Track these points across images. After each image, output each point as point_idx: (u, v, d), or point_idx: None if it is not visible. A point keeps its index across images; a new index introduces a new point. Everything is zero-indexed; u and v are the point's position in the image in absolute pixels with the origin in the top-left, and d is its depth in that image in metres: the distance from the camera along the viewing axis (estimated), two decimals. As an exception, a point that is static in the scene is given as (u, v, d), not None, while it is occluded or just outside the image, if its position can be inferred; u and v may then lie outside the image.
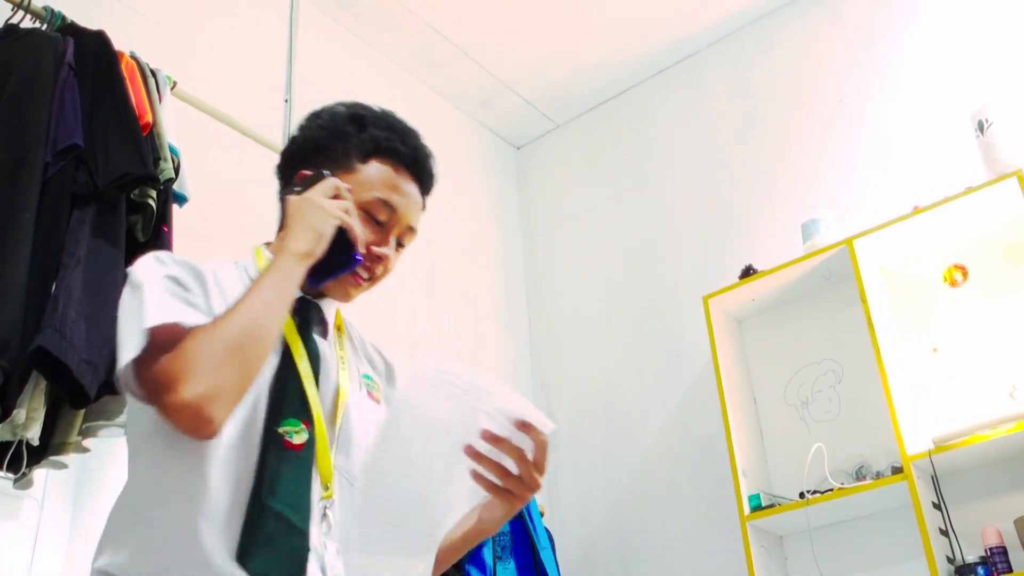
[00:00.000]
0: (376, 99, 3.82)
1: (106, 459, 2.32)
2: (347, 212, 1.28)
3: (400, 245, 1.37)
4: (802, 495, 2.67)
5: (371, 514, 1.11)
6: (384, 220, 1.34)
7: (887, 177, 3.06)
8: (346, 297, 1.37)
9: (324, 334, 1.35)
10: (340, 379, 1.30)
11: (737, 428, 2.85)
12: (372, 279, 1.36)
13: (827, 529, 2.79)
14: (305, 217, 1.27)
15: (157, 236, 2.08)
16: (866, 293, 2.68)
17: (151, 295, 1.16)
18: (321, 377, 1.26)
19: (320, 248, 1.25)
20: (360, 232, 1.29)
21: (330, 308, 1.39)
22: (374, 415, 1.32)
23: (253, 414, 1.17)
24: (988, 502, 2.54)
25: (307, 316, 1.32)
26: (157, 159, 2.09)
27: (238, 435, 1.16)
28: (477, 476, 1.13)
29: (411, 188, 1.37)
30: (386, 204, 1.34)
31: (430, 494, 1.11)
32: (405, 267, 3.56)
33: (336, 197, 1.30)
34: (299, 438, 1.18)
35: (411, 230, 1.37)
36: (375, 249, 1.32)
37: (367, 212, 1.33)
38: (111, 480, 2.41)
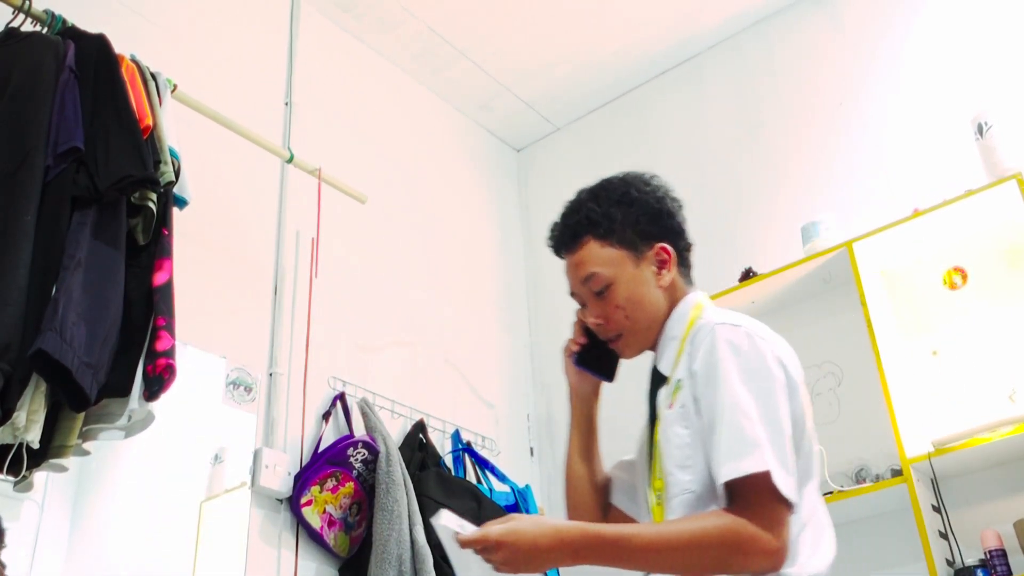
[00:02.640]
0: (376, 101, 3.85)
1: (106, 462, 2.32)
2: (573, 337, 1.63)
3: (597, 295, 1.52)
4: (802, 498, 2.66)
5: None
6: (580, 302, 1.58)
7: (887, 180, 3.07)
8: (624, 356, 1.60)
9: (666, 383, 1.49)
10: (659, 421, 1.46)
11: (737, 431, 2.85)
12: (619, 336, 1.54)
13: (827, 532, 2.78)
14: None
15: (157, 239, 2.08)
16: (866, 296, 2.68)
17: None
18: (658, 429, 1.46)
19: (571, 381, 1.69)
20: (576, 334, 1.62)
21: (663, 358, 1.52)
22: (668, 425, 1.43)
23: None
24: (988, 505, 2.55)
25: (652, 382, 1.53)
26: (157, 162, 2.09)
27: None
28: None
29: (567, 260, 1.57)
30: (572, 294, 1.59)
31: None
32: (406, 269, 3.58)
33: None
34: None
35: (588, 281, 1.53)
36: (587, 322, 1.57)
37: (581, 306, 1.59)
38: (111, 483, 2.41)
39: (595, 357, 1.60)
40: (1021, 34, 2.94)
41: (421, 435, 2.93)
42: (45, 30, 2.20)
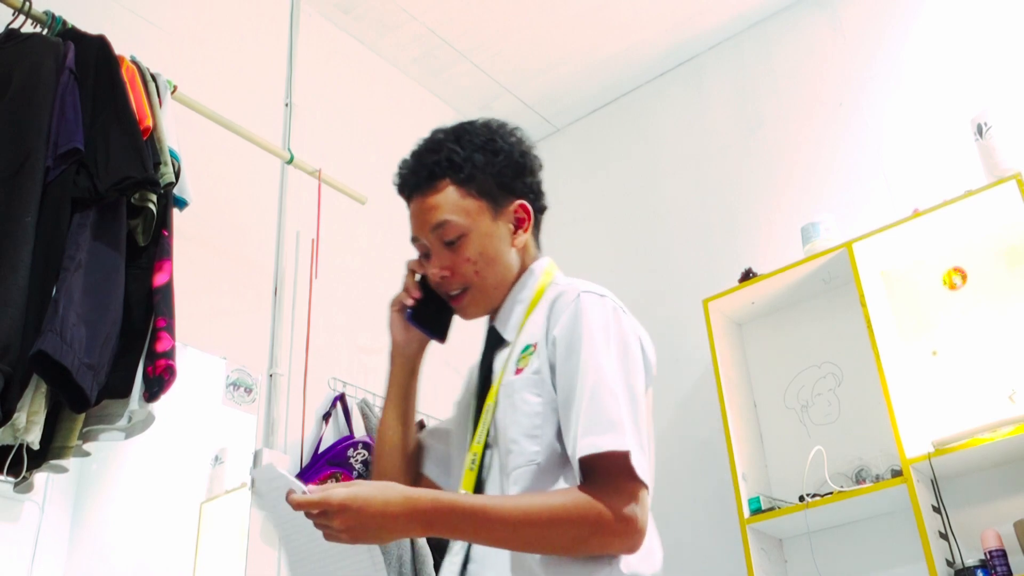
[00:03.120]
0: (376, 103, 3.85)
1: (106, 463, 2.32)
2: (406, 288, 1.46)
3: (447, 244, 1.40)
4: (802, 498, 2.67)
5: None
6: (424, 252, 1.44)
7: (886, 180, 3.07)
8: (465, 315, 1.46)
9: (506, 345, 1.41)
10: (496, 383, 1.37)
11: (737, 431, 2.85)
12: (465, 291, 1.42)
13: (827, 532, 2.79)
14: None
15: (157, 240, 2.08)
16: (866, 296, 2.68)
17: None
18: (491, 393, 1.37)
19: (396, 337, 1.50)
20: (412, 288, 1.46)
21: (505, 320, 1.43)
22: (513, 388, 1.33)
23: None
24: (988, 505, 2.54)
25: (487, 343, 1.45)
26: (157, 163, 2.09)
27: None
28: None
29: (415, 206, 1.42)
30: (414, 240, 1.44)
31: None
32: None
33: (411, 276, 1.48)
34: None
35: (438, 228, 1.39)
36: (428, 273, 1.43)
37: (421, 256, 1.45)
38: (111, 483, 2.41)
39: (429, 314, 1.45)
40: (1020, 35, 2.95)
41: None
42: (45, 31, 2.20)
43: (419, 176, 1.41)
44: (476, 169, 1.40)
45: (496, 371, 1.38)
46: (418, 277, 1.46)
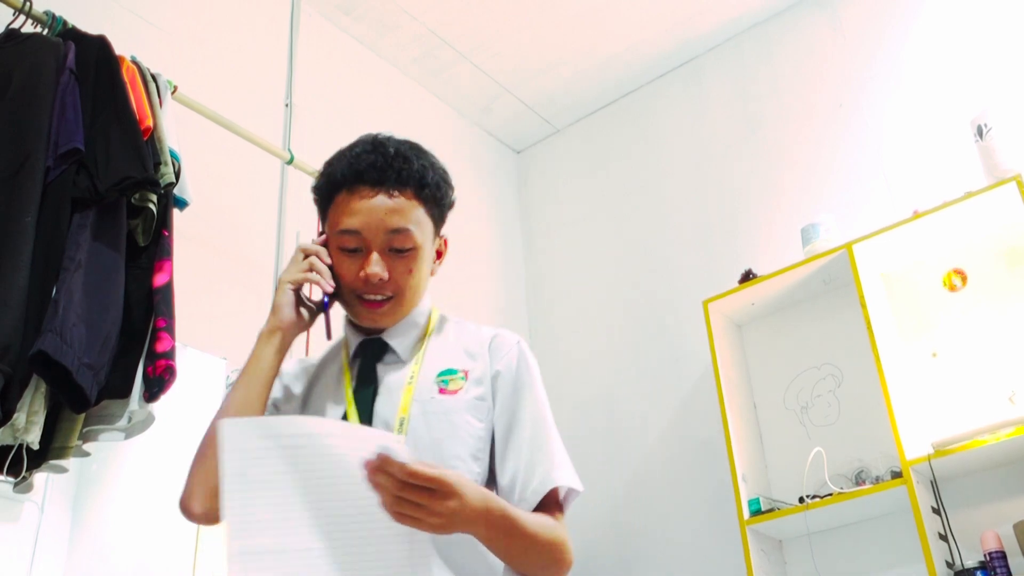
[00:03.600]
0: (376, 103, 3.85)
1: (106, 463, 2.32)
2: (310, 268, 1.39)
3: (398, 252, 1.38)
4: (801, 499, 2.67)
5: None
6: (354, 246, 1.38)
7: (887, 182, 3.07)
8: (373, 322, 1.43)
9: (397, 361, 1.42)
10: (403, 395, 1.37)
11: (737, 432, 2.85)
12: (388, 299, 1.40)
13: (826, 533, 2.79)
14: (273, 297, 1.42)
15: (157, 240, 2.08)
16: (865, 298, 2.68)
17: None
18: (380, 400, 1.37)
19: (286, 317, 1.39)
20: (327, 275, 1.39)
21: (400, 337, 1.45)
22: (443, 406, 1.36)
23: None
24: (988, 507, 2.55)
25: (368, 352, 1.43)
26: (158, 163, 2.09)
27: None
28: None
29: (371, 200, 1.37)
30: (348, 232, 1.38)
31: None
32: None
33: (306, 258, 1.41)
34: None
35: (396, 233, 1.36)
36: (363, 273, 1.37)
37: (342, 249, 1.39)
38: (111, 484, 2.41)
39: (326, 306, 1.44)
40: (1021, 36, 2.95)
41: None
42: (46, 31, 2.20)
43: (391, 172, 1.37)
44: (439, 194, 1.43)
45: (387, 380, 1.39)
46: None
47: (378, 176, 1.37)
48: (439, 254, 1.51)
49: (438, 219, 1.45)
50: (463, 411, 1.36)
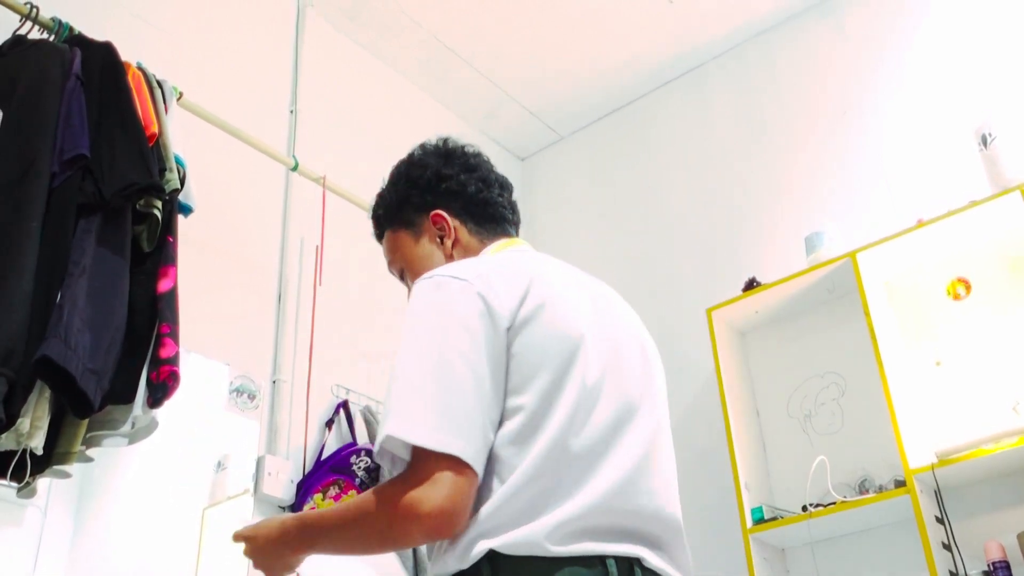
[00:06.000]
0: (381, 109, 3.85)
1: (109, 468, 2.32)
2: None
3: (403, 279, 1.54)
4: (804, 508, 2.66)
5: None
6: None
7: (890, 190, 3.07)
8: None
9: None
10: None
11: (740, 441, 2.85)
12: None
13: (829, 542, 2.78)
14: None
15: (162, 246, 2.09)
16: (869, 306, 2.68)
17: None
18: None
19: None
20: None
21: None
22: None
23: None
24: (991, 516, 2.54)
25: None
26: (163, 169, 2.10)
27: None
28: None
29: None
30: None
31: None
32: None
33: None
34: None
35: (391, 266, 1.55)
36: None
37: None
38: (114, 489, 2.41)
39: None
40: (1025, 45, 2.95)
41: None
42: (52, 38, 2.21)
43: (376, 234, 1.59)
44: (389, 206, 1.52)
45: None
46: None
47: (377, 238, 1.60)
48: (442, 231, 1.46)
49: (405, 219, 1.50)
50: None
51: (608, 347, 1.29)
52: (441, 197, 1.47)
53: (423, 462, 1.11)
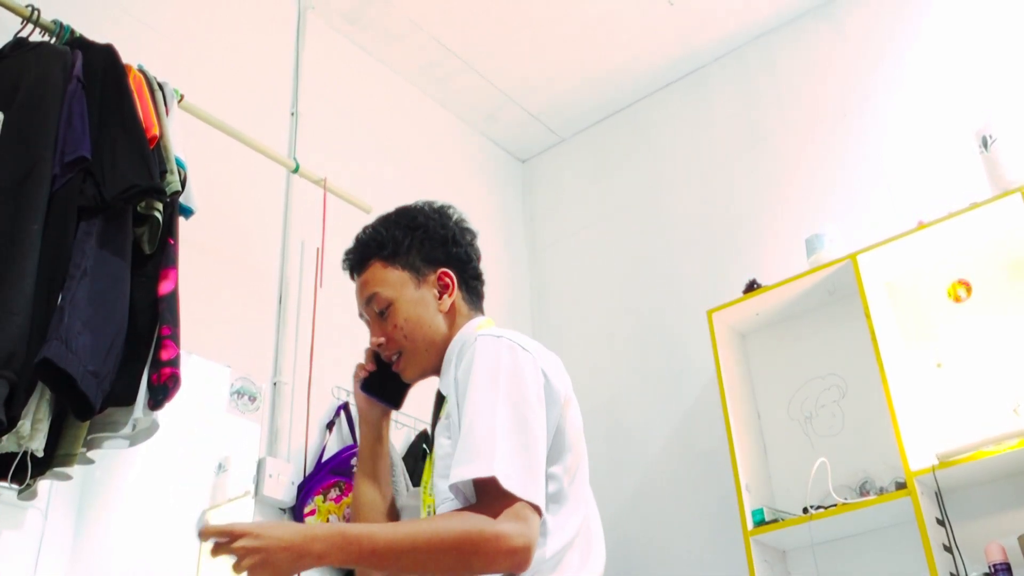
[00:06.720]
0: (382, 112, 3.86)
1: (110, 470, 2.32)
2: (360, 367, 1.65)
3: (380, 315, 1.56)
4: (805, 510, 2.66)
5: None
6: (367, 324, 1.61)
7: (891, 192, 3.07)
8: (405, 377, 1.60)
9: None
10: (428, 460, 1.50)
11: (740, 443, 2.85)
12: (400, 356, 1.57)
13: (830, 544, 2.78)
14: None
15: (163, 249, 2.09)
16: (870, 308, 2.68)
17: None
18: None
19: (360, 409, 1.65)
20: (368, 358, 1.64)
21: (443, 378, 1.54)
22: (436, 436, 1.47)
23: None
24: (992, 518, 2.54)
25: (436, 404, 1.56)
26: (164, 171, 2.10)
27: None
28: None
29: (356, 282, 1.60)
30: (360, 315, 1.62)
31: None
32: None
33: None
34: None
35: (371, 300, 1.56)
36: (370, 343, 1.60)
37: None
38: (115, 491, 2.41)
39: (380, 383, 1.62)
40: (1025, 47, 2.95)
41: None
42: (53, 40, 2.21)
43: (355, 259, 1.59)
44: (398, 244, 1.56)
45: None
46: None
47: (350, 267, 1.61)
48: (444, 288, 1.57)
49: (412, 263, 1.55)
50: (439, 435, 1.43)
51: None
52: (451, 259, 1.58)
53: (507, 502, 1.25)
